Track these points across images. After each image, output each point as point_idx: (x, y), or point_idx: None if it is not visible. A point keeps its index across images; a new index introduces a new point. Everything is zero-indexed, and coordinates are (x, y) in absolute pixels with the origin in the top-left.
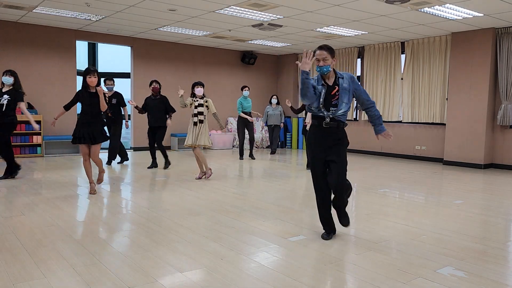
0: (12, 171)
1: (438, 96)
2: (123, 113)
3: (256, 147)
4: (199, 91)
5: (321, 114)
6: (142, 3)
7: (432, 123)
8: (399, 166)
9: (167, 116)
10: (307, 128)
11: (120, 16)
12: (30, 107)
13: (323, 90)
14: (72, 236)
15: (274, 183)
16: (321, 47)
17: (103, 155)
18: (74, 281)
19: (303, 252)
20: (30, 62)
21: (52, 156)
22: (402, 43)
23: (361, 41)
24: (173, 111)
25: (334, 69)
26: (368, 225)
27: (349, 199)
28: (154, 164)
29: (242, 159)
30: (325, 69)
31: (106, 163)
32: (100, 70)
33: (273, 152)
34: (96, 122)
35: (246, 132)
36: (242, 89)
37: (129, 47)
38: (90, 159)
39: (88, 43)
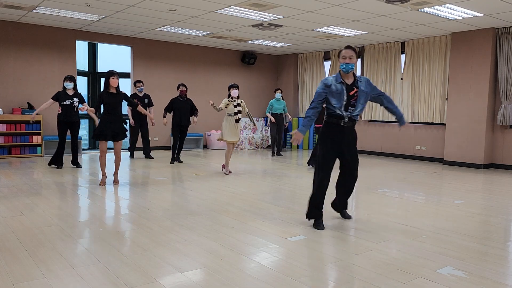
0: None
1: (438, 96)
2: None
3: (256, 147)
4: (234, 92)
5: (340, 113)
6: (142, 3)
7: (432, 123)
8: (399, 166)
9: (193, 115)
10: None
11: (120, 16)
12: (30, 107)
13: (344, 90)
14: (72, 236)
15: (274, 183)
16: (349, 47)
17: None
18: (74, 281)
19: (303, 252)
20: (30, 62)
21: (52, 156)
22: (402, 43)
23: (361, 41)
24: (197, 111)
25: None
26: (368, 225)
27: (349, 199)
28: (177, 159)
29: (274, 156)
30: (350, 66)
31: (145, 156)
32: (100, 70)
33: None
34: (118, 121)
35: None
36: (275, 91)
37: (129, 47)
38: (105, 156)
39: (88, 43)
